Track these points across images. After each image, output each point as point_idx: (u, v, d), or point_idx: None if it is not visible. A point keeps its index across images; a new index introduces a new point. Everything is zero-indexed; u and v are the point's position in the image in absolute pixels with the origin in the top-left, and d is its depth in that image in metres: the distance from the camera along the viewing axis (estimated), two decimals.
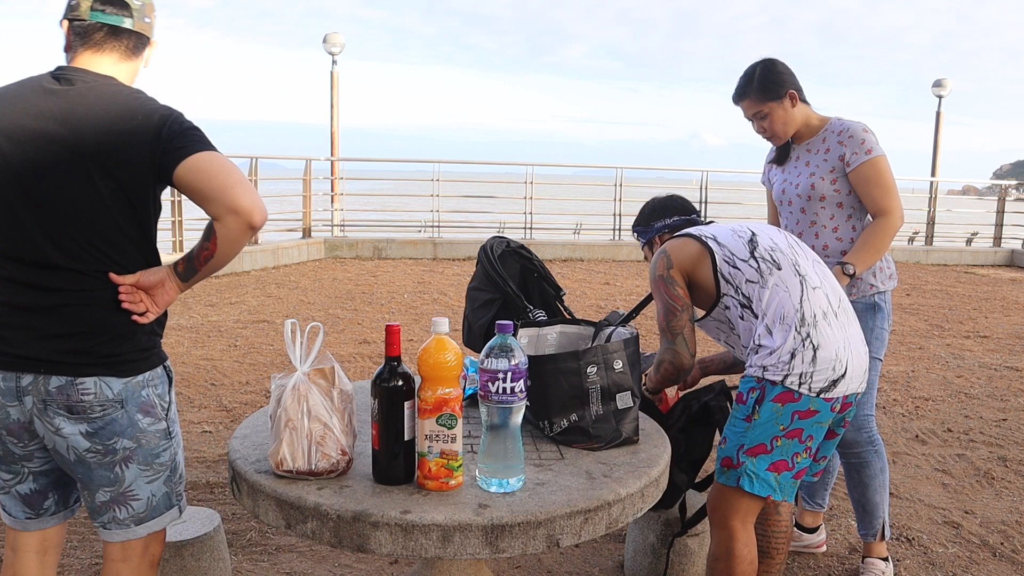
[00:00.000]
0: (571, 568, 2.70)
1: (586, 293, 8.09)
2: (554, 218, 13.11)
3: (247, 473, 1.62)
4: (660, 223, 2.28)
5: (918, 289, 9.02)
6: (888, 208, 2.41)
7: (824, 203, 2.48)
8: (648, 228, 2.31)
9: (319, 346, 1.62)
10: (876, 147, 2.43)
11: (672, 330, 2.07)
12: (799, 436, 1.92)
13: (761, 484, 1.92)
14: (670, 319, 2.07)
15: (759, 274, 1.97)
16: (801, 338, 1.90)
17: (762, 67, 2.47)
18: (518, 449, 1.58)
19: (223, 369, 5.01)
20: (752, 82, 2.47)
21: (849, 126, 2.47)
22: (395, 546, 1.45)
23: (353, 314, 6.78)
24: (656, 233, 2.29)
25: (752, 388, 1.93)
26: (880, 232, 2.42)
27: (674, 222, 2.27)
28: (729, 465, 1.95)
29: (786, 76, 2.46)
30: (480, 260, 2.35)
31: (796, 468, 1.94)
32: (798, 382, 1.89)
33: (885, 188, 2.42)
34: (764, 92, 2.46)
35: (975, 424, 4.32)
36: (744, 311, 1.98)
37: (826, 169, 2.47)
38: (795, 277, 1.97)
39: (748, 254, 2.00)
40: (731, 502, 1.97)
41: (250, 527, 2.90)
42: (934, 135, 15.34)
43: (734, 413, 1.98)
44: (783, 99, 2.46)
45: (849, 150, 2.43)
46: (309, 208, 10.40)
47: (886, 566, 2.62)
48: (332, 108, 12.85)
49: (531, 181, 11.03)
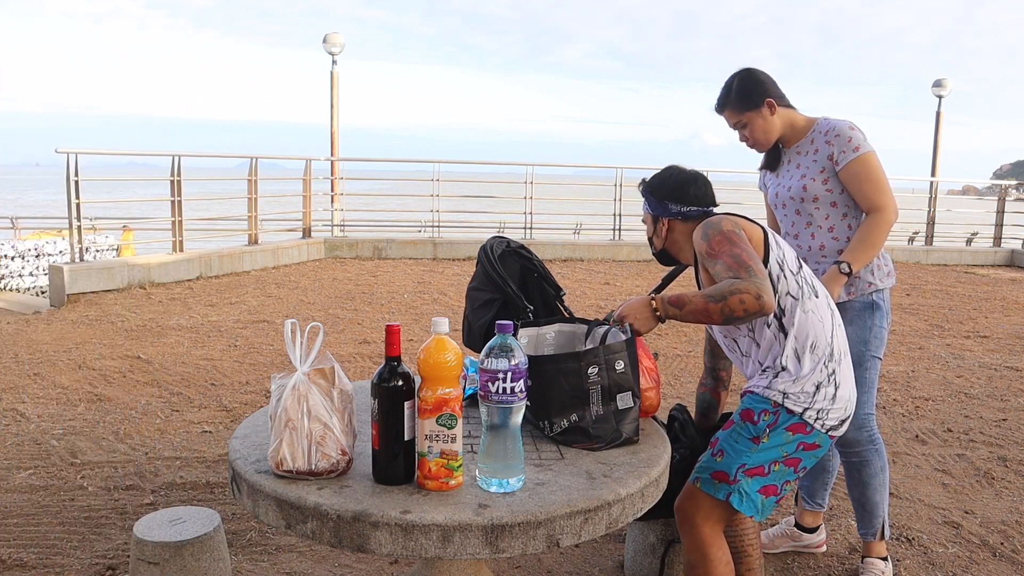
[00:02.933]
0: (571, 568, 2.70)
1: (586, 293, 8.08)
2: (554, 218, 13.10)
3: (247, 473, 1.62)
4: (676, 208, 2.08)
5: (918, 289, 9.02)
6: (880, 204, 2.42)
7: (817, 203, 2.49)
8: (662, 205, 2.09)
9: (319, 346, 1.62)
10: (864, 144, 2.43)
11: (760, 271, 1.82)
12: (795, 466, 1.94)
13: (749, 504, 1.92)
14: (755, 260, 1.84)
15: (801, 292, 1.94)
16: (828, 373, 1.91)
17: (739, 78, 2.49)
18: (518, 449, 1.58)
19: (223, 369, 5.01)
20: (730, 93, 2.50)
21: (835, 125, 2.48)
22: (395, 546, 1.45)
23: (353, 314, 6.78)
24: (668, 215, 2.09)
25: (766, 411, 1.92)
26: (874, 228, 2.42)
27: (689, 212, 2.08)
28: (724, 480, 1.93)
29: (764, 85, 2.48)
30: (480, 260, 2.35)
31: (780, 494, 1.97)
32: (815, 417, 1.90)
33: (876, 184, 2.42)
34: (741, 103, 2.49)
35: (975, 424, 4.31)
36: (775, 321, 1.94)
37: (816, 170, 2.49)
38: (828, 310, 1.97)
39: (797, 268, 1.97)
40: (706, 511, 1.96)
41: (250, 527, 2.90)
42: (934, 135, 15.35)
43: (739, 430, 1.95)
44: (761, 108, 2.48)
45: (837, 149, 2.45)
46: (309, 208, 10.39)
47: (886, 566, 2.62)
48: (332, 108, 12.85)
49: (531, 181, 11.03)
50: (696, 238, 1.95)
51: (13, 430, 3.86)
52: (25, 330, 6.00)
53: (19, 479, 3.29)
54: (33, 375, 4.79)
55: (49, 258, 9.02)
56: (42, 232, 10.96)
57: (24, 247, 8.96)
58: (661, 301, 1.93)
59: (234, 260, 8.85)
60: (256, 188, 9.43)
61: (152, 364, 5.07)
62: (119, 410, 4.18)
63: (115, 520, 2.94)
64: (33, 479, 3.30)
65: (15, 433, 3.82)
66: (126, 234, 10.52)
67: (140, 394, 4.46)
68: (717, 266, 1.86)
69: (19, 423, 3.96)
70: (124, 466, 3.44)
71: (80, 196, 7.31)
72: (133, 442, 3.73)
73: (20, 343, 5.58)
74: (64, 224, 8.96)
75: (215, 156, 11.49)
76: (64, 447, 3.64)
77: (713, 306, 1.81)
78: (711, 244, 1.89)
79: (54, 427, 3.91)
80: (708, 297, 1.82)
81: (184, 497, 3.16)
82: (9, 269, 8.77)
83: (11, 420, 4.01)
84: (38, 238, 9.75)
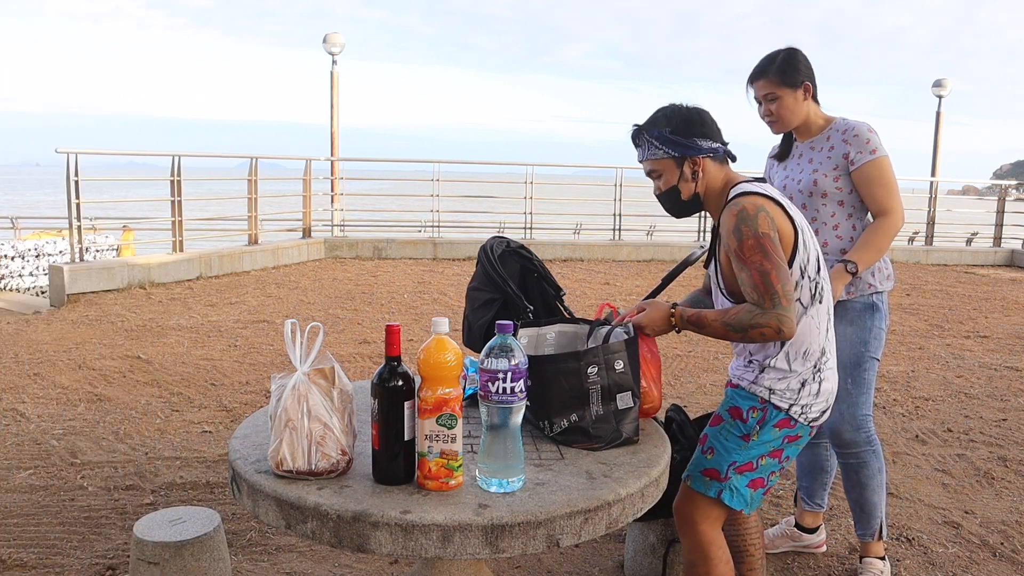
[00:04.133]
0: (571, 568, 2.70)
1: (586, 293, 8.08)
2: (554, 218, 13.11)
3: (247, 473, 1.62)
4: (707, 143, 1.91)
5: (918, 289, 9.02)
6: (890, 208, 2.43)
7: (826, 200, 2.49)
8: (689, 143, 1.90)
9: (319, 346, 1.62)
10: (880, 148, 2.45)
11: (786, 294, 1.77)
12: (779, 456, 1.95)
13: (739, 499, 1.94)
14: (783, 281, 1.77)
15: (811, 299, 1.91)
16: (814, 371, 1.93)
17: (786, 53, 2.49)
18: (518, 449, 1.58)
19: (223, 369, 5.01)
20: (773, 64, 2.47)
21: (854, 125, 2.49)
22: (395, 546, 1.45)
23: (353, 314, 6.78)
24: (700, 153, 1.91)
25: (754, 408, 1.93)
26: (882, 232, 2.44)
27: (719, 149, 1.93)
28: (715, 478, 1.95)
29: (806, 68, 2.49)
30: (480, 260, 2.35)
31: (768, 486, 1.98)
32: (800, 412, 1.92)
33: (888, 189, 2.44)
34: (782, 76, 2.46)
35: (975, 424, 4.31)
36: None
37: (829, 166, 2.48)
38: (826, 316, 1.96)
39: (816, 271, 1.91)
40: (704, 509, 1.98)
41: (250, 527, 2.90)
42: (934, 135, 15.35)
43: (728, 427, 1.96)
44: (798, 88, 2.47)
45: (854, 149, 2.45)
46: (309, 208, 10.40)
47: (884, 565, 2.62)
48: (332, 108, 12.85)
49: (531, 181, 11.03)
50: (727, 227, 1.83)
51: (13, 430, 3.86)
52: (25, 330, 6.00)
53: (19, 479, 3.29)
54: (33, 375, 4.79)
55: (49, 258, 9.02)
56: (42, 232, 10.96)
57: (24, 247, 8.97)
58: (681, 317, 1.94)
59: (234, 260, 8.86)
60: (256, 188, 9.43)
61: (152, 364, 5.07)
62: (119, 410, 4.18)
63: (115, 520, 2.94)
64: (33, 479, 3.30)
65: (15, 433, 3.82)
66: (126, 234, 10.52)
67: (140, 394, 4.46)
68: (743, 274, 1.81)
69: (19, 423, 3.96)
70: (124, 466, 3.44)
71: (80, 196, 7.32)
72: (133, 442, 3.73)
73: (20, 343, 5.58)
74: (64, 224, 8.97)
75: (215, 156, 11.50)
76: (64, 447, 3.64)
77: (733, 335, 1.84)
78: (743, 247, 1.79)
79: (54, 427, 3.91)
80: (728, 326, 1.83)
81: (184, 497, 3.16)
82: (9, 269, 8.77)
83: (11, 420, 4.01)
84: (38, 238, 9.75)
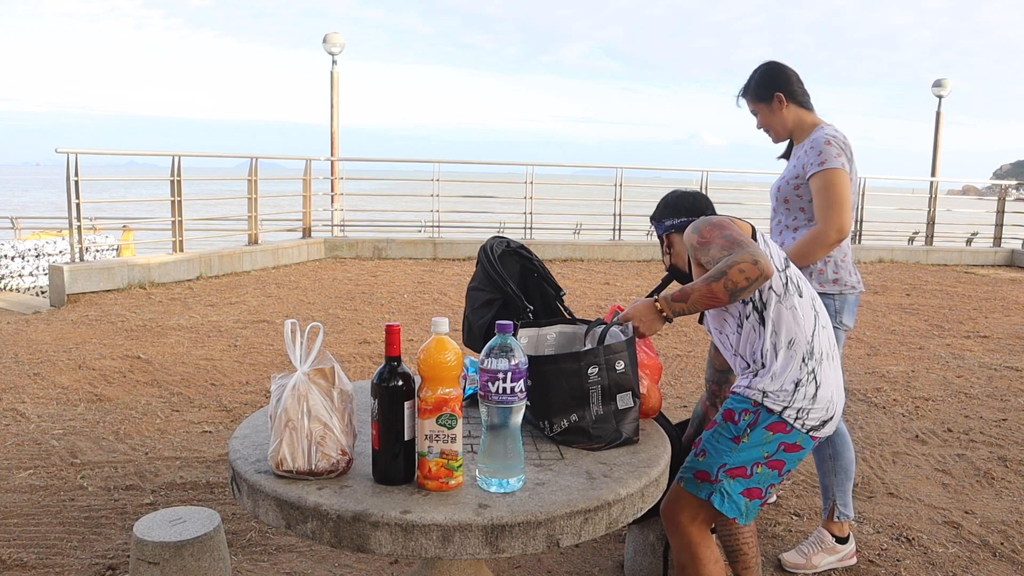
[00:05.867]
0: (571, 568, 2.70)
1: (586, 293, 8.08)
2: (554, 218, 13.11)
3: (247, 473, 1.62)
4: (669, 221, 2.21)
5: (918, 289, 9.02)
6: (823, 219, 2.48)
7: (788, 205, 2.61)
8: (660, 224, 2.24)
9: (319, 346, 1.62)
10: (831, 160, 2.47)
11: (754, 245, 1.86)
12: (779, 468, 1.94)
13: (731, 505, 1.92)
14: (748, 242, 1.87)
15: (784, 289, 1.95)
16: (807, 371, 1.92)
17: (759, 70, 2.64)
18: (518, 449, 1.58)
19: (223, 369, 5.01)
20: (749, 83, 2.66)
21: (816, 137, 2.55)
22: (395, 546, 1.45)
23: (353, 314, 6.78)
24: (665, 231, 2.22)
25: (746, 410, 1.93)
26: (809, 240, 2.50)
27: (683, 222, 2.17)
28: (705, 479, 1.94)
29: (777, 81, 2.60)
30: (480, 260, 2.35)
31: (765, 498, 1.96)
32: (795, 416, 1.91)
33: (827, 201, 2.47)
34: (755, 94, 2.65)
35: (975, 424, 4.31)
36: (754, 315, 1.96)
37: (792, 175, 2.59)
38: (811, 311, 1.97)
39: (783, 266, 1.99)
40: (692, 510, 1.96)
41: (250, 527, 2.90)
42: (934, 135, 15.35)
43: (720, 430, 1.96)
44: (770, 102, 2.61)
45: (808, 160, 2.53)
46: (309, 208, 10.40)
47: (835, 543, 2.67)
48: (332, 108, 12.85)
49: (531, 181, 11.03)
50: (687, 234, 1.99)
51: (13, 430, 3.86)
52: (25, 330, 6.00)
53: (19, 479, 3.29)
54: (33, 375, 4.79)
55: (49, 258, 9.02)
56: (42, 232, 10.97)
57: (24, 247, 8.97)
58: (665, 301, 1.94)
59: (234, 260, 8.86)
60: (256, 188, 9.43)
61: (152, 364, 5.07)
62: (119, 410, 4.18)
63: (115, 520, 2.94)
64: (33, 479, 3.30)
65: (15, 433, 3.82)
66: (126, 234, 10.53)
67: (140, 394, 4.46)
68: (711, 251, 1.89)
69: (19, 423, 3.96)
70: (124, 466, 3.44)
71: (80, 196, 7.32)
72: (133, 442, 3.73)
73: (20, 343, 5.58)
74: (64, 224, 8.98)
75: (215, 156, 11.44)
76: (64, 447, 3.64)
77: (716, 285, 1.83)
78: (701, 234, 1.93)
79: (54, 427, 3.91)
80: (709, 279, 1.84)
81: (184, 497, 3.16)
82: (9, 269, 8.77)
83: (11, 420, 4.01)
84: (38, 238, 9.76)
